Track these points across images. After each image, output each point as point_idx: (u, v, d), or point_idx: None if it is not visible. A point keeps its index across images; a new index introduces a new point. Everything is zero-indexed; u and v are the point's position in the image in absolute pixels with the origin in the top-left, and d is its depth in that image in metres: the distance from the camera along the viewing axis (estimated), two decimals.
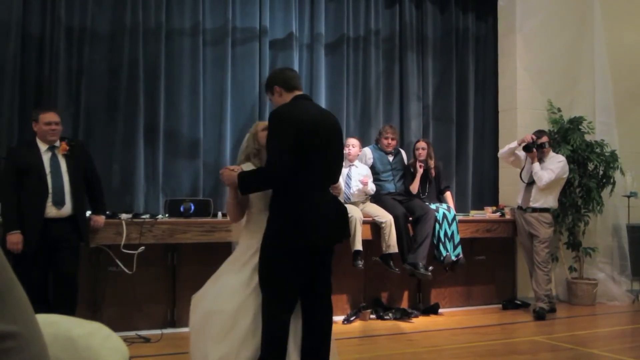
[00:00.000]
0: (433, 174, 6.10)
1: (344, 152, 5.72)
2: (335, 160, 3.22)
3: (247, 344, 2.97)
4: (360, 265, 5.39)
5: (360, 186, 5.69)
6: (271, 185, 3.04)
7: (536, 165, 5.85)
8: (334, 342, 3.25)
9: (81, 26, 5.44)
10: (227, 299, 3.03)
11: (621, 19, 7.36)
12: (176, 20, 5.82)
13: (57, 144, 4.24)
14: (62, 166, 4.21)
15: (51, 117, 4.19)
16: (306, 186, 3.02)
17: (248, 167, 3.21)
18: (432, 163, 6.07)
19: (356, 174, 5.77)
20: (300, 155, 2.94)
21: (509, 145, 6.12)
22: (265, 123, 3.21)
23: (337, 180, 3.31)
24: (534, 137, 5.90)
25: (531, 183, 5.92)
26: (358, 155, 5.90)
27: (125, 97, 5.56)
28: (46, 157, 4.17)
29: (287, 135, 2.93)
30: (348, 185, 5.76)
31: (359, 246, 5.36)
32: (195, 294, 3.21)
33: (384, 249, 5.50)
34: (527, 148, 5.88)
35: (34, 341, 0.92)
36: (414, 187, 5.98)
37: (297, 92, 3.17)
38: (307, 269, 3.05)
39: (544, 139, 5.92)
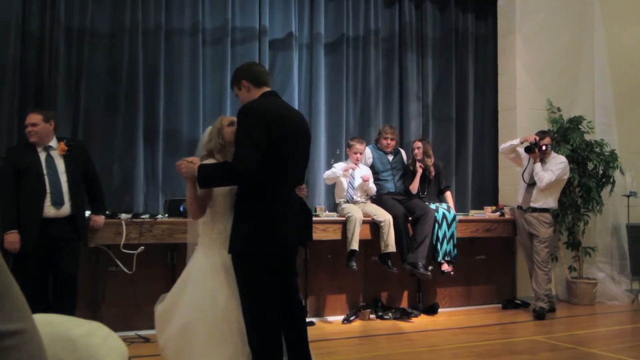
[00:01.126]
0: (432, 173, 6.09)
1: (354, 157, 5.76)
2: (302, 161, 3.12)
3: (239, 354, 2.82)
4: (355, 267, 5.39)
5: (361, 182, 5.70)
6: (237, 181, 2.86)
7: (537, 165, 5.84)
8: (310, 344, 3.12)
9: (81, 26, 5.44)
10: (207, 307, 2.84)
11: (621, 19, 7.36)
12: (176, 20, 5.82)
13: (54, 144, 4.24)
14: (60, 166, 4.20)
15: (29, 118, 4.18)
16: (274, 186, 2.89)
17: (210, 162, 3.02)
18: (430, 162, 6.06)
19: (358, 173, 5.80)
20: (269, 154, 2.81)
21: (511, 141, 6.11)
22: (231, 118, 3.11)
23: (303, 181, 3.20)
24: (537, 137, 5.89)
25: (532, 184, 5.91)
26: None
27: (125, 97, 5.56)
28: (42, 158, 4.17)
29: (258, 131, 2.79)
30: (352, 185, 5.77)
31: (355, 246, 5.36)
32: (161, 310, 2.98)
33: (382, 248, 5.50)
34: (528, 149, 5.86)
35: (32, 340, 0.93)
36: (414, 186, 5.97)
37: (266, 89, 3.06)
38: (279, 271, 2.95)
39: (547, 140, 5.90)
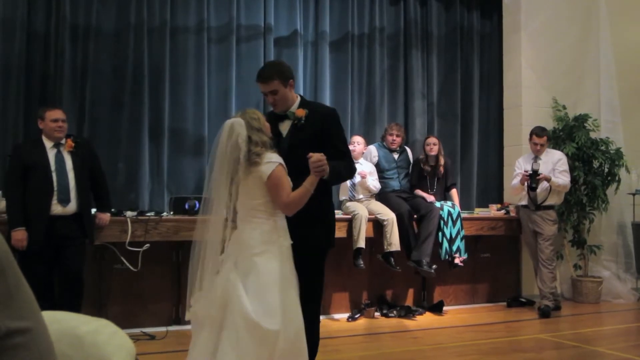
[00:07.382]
0: (442, 171, 6.08)
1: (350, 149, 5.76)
2: None
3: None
4: (362, 265, 5.38)
5: (360, 179, 5.68)
6: (350, 178, 3.50)
7: (555, 182, 5.77)
8: None
9: (86, 24, 5.45)
10: (299, 312, 2.74)
11: (626, 17, 7.33)
12: (181, 17, 5.82)
13: (63, 141, 4.26)
14: (68, 164, 4.22)
15: (58, 114, 4.22)
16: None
17: (270, 158, 2.85)
18: (441, 160, 6.06)
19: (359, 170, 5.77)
20: None
21: (512, 183, 6.07)
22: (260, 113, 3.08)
23: None
24: (527, 172, 5.79)
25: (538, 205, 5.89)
26: (363, 153, 5.88)
27: (130, 95, 5.57)
28: (51, 155, 4.18)
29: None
30: (353, 182, 5.74)
31: (362, 244, 5.36)
32: (278, 324, 2.63)
33: (385, 247, 5.49)
34: (533, 188, 5.78)
35: (41, 337, 0.93)
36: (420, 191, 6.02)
37: None
38: None
39: (540, 140, 5.87)
